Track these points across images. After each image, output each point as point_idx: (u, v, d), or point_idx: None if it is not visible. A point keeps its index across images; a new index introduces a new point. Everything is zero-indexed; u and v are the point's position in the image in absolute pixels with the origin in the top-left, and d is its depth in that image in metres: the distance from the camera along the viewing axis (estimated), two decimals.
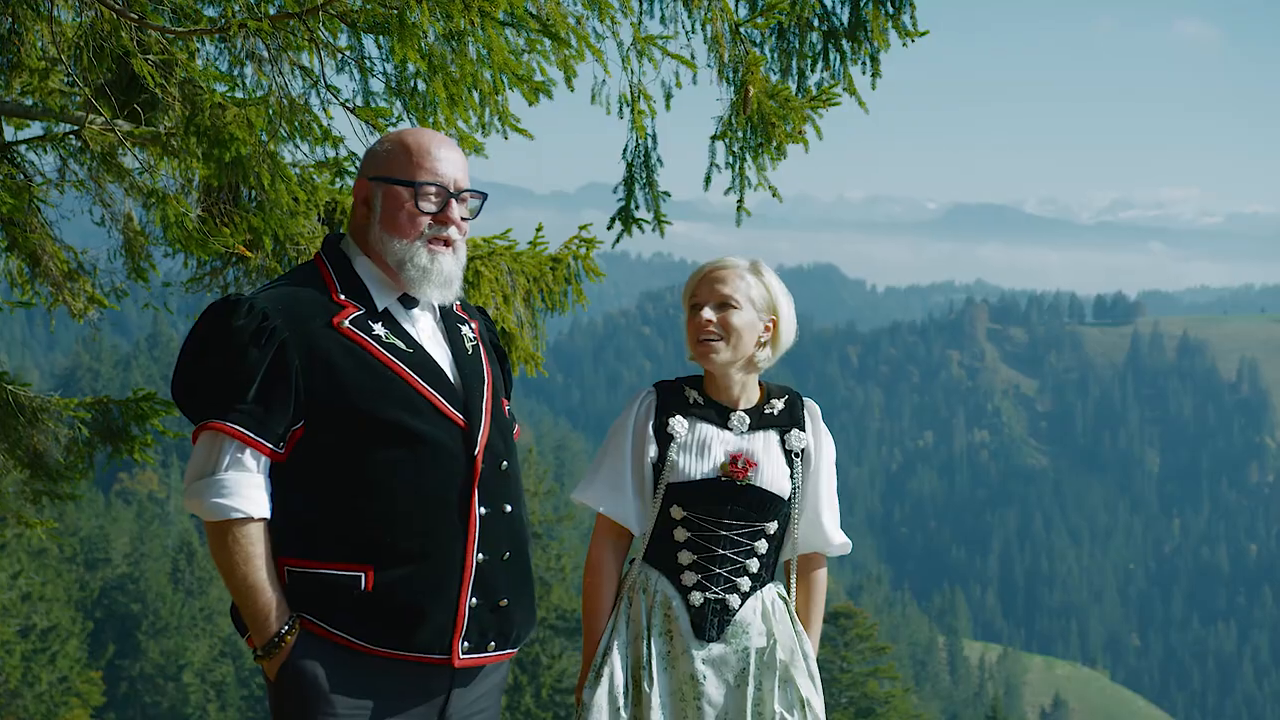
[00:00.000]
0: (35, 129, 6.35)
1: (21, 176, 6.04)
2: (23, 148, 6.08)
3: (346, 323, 3.56)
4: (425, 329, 3.72)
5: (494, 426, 3.71)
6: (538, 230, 7.42)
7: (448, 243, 3.64)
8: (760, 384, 4.23)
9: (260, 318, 3.46)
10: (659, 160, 6.75)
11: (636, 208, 6.90)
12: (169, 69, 4.88)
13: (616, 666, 4.05)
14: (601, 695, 4.01)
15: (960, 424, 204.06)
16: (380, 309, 3.64)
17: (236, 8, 4.79)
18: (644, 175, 6.76)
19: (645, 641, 4.05)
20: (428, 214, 3.62)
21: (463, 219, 3.68)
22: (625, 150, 6.71)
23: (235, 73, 5.55)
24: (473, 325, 3.90)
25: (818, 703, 4.15)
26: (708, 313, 4.06)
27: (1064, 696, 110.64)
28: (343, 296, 3.61)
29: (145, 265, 6.49)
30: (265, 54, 4.70)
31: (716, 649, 4.06)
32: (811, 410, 4.24)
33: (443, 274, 3.64)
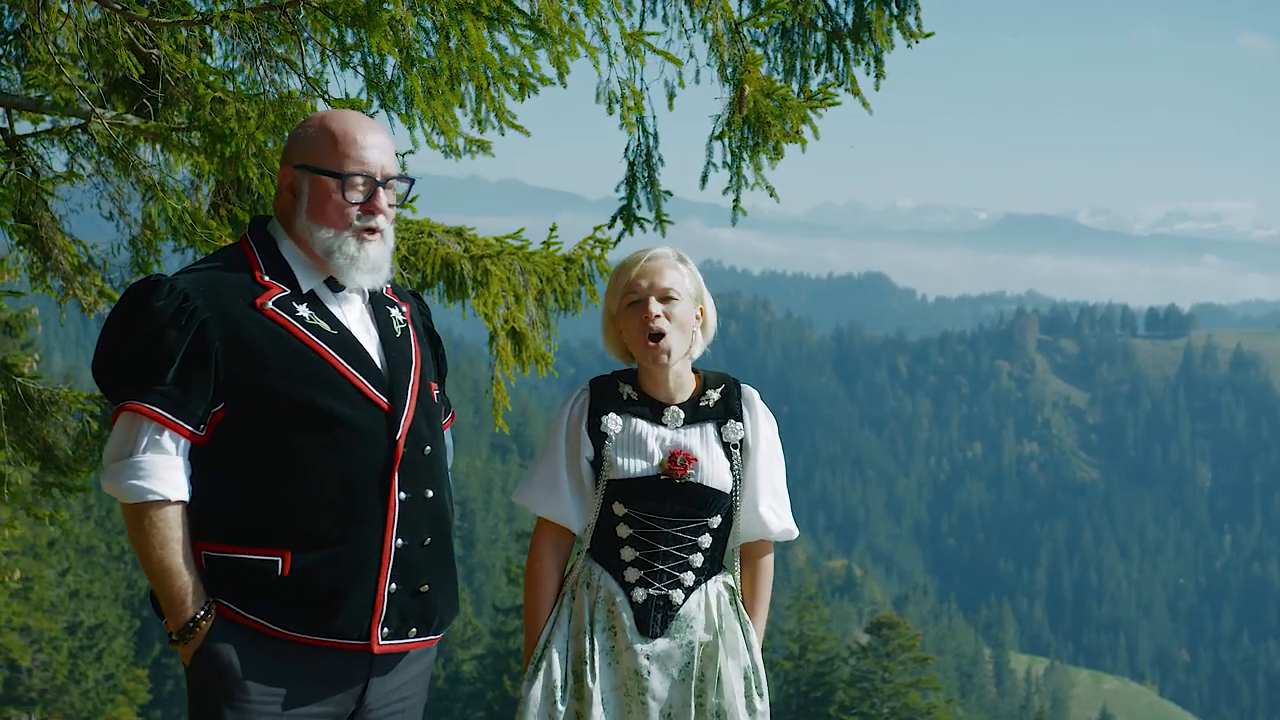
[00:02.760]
0: (50, 123, 6.41)
1: (30, 170, 6.09)
2: (30, 141, 6.13)
3: (270, 304, 3.52)
4: (352, 311, 3.69)
5: (419, 410, 3.67)
6: (551, 230, 7.42)
7: (375, 231, 3.61)
8: (696, 373, 4.16)
9: (180, 298, 3.43)
10: (660, 159, 6.75)
11: (638, 207, 6.90)
12: (174, 63, 4.92)
13: (555, 661, 4.01)
14: (538, 689, 3.99)
15: (1009, 435, 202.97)
16: (306, 291, 3.60)
17: (227, 2, 4.82)
18: (645, 174, 6.76)
19: (588, 636, 4.01)
20: (355, 204, 3.58)
21: (389, 205, 3.66)
22: (627, 149, 6.71)
23: (230, 66, 5.57)
24: (403, 308, 3.85)
25: (760, 695, 4.11)
26: (655, 306, 3.96)
27: (1111, 711, 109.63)
28: (267, 278, 3.57)
29: (151, 259, 6.54)
30: (251, 47, 4.72)
31: (661, 644, 4.01)
32: (749, 398, 4.15)
33: (370, 261, 3.61)
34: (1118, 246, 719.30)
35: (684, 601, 4.03)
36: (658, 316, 3.96)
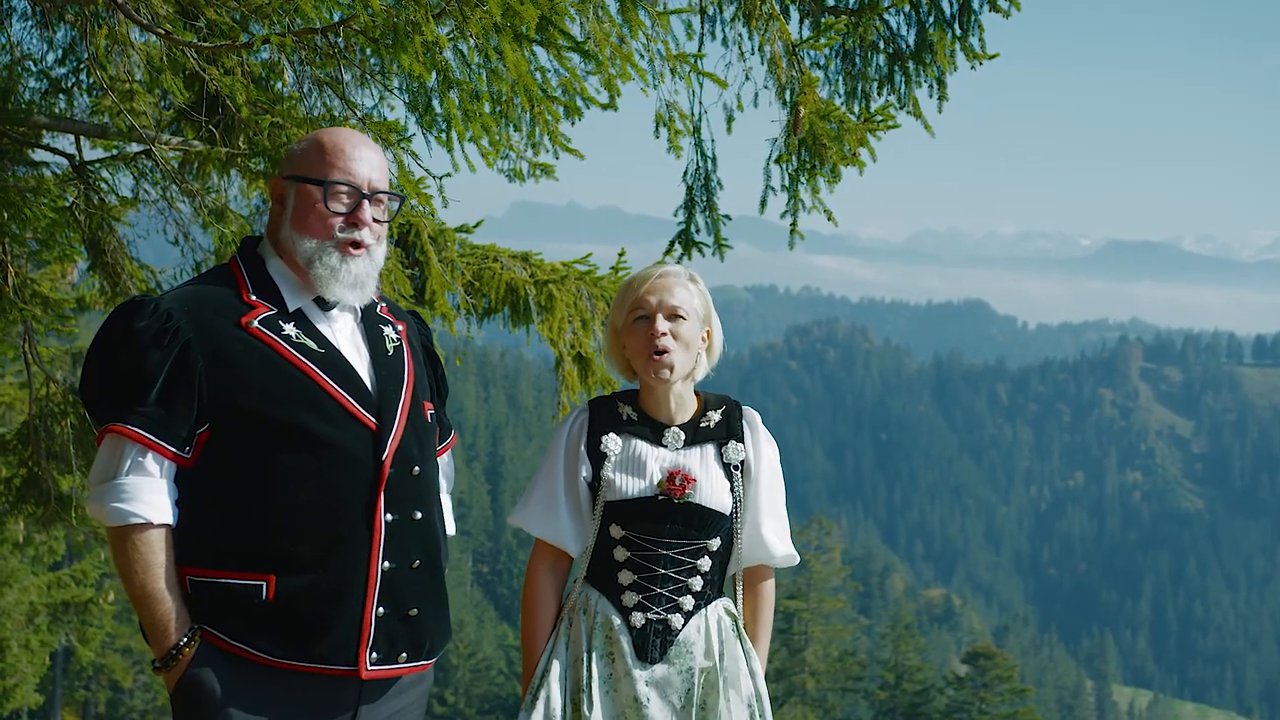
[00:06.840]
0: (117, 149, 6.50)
1: (97, 197, 6.17)
2: (97, 166, 6.21)
3: (255, 323, 3.47)
4: (342, 330, 3.63)
5: (408, 430, 3.60)
6: (620, 255, 7.40)
7: (359, 245, 3.55)
8: (697, 394, 4.08)
9: (164, 318, 3.38)
10: (719, 183, 6.70)
11: (697, 231, 6.84)
12: (220, 87, 4.96)
13: (554, 690, 3.92)
14: (538, 718, 3.89)
15: (1112, 464, 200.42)
16: (293, 309, 3.55)
17: (274, 25, 4.84)
18: (704, 198, 6.71)
19: (585, 664, 3.93)
20: (338, 214, 3.53)
21: (376, 220, 3.59)
22: (685, 173, 6.67)
23: (291, 92, 5.61)
24: (398, 327, 3.80)
25: None
26: (662, 324, 3.91)
27: None
28: (254, 297, 3.52)
29: None
30: (292, 70, 4.75)
31: (660, 670, 3.92)
32: (750, 420, 4.07)
33: (351, 275, 3.55)
34: (1224, 273, 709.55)
35: (683, 626, 3.94)
36: (664, 334, 3.90)
